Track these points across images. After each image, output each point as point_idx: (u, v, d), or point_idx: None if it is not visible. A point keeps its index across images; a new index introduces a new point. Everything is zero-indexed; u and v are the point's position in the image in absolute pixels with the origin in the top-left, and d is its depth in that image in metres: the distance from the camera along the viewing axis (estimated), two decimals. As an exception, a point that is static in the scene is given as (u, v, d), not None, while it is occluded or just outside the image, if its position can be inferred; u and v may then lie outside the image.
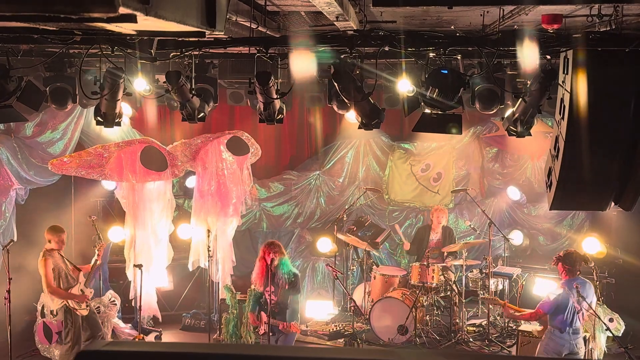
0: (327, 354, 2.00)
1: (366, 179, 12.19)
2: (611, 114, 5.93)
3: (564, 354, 7.11)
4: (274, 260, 7.45)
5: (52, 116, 10.05)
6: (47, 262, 8.03)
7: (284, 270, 7.48)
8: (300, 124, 12.17)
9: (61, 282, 8.11)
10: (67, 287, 8.14)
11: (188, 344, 2.07)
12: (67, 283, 8.16)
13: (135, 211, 10.07)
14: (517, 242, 11.74)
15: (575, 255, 7.32)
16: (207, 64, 7.80)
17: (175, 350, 1.90)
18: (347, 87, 7.06)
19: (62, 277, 8.13)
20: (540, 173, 11.73)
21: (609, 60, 5.83)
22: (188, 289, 11.18)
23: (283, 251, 7.62)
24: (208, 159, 10.24)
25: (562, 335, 7.10)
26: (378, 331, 9.61)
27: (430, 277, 9.68)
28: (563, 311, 7.06)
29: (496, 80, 7.27)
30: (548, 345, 7.23)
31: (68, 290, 8.13)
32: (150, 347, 1.97)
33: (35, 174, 10.16)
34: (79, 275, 8.25)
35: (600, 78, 5.84)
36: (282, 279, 7.47)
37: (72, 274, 8.23)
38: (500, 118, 8.24)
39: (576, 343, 7.14)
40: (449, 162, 12.18)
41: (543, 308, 7.22)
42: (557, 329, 7.13)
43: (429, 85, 6.78)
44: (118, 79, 7.01)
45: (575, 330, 7.11)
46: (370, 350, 3.12)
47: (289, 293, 7.44)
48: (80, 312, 8.14)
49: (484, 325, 9.99)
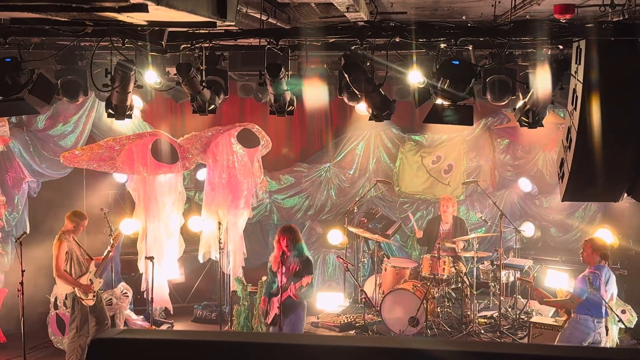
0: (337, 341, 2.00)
1: (377, 171, 12.17)
2: (624, 104, 5.88)
3: (587, 344, 7.01)
4: (288, 245, 7.51)
5: (64, 109, 10.09)
6: (62, 245, 8.02)
7: (295, 255, 7.53)
8: (311, 116, 12.15)
9: (72, 267, 8.08)
10: (77, 274, 8.12)
11: (200, 332, 2.08)
12: (79, 270, 8.13)
13: (146, 204, 10.11)
14: (529, 234, 11.69)
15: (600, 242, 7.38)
16: (217, 56, 7.79)
17: (188, 338, 1.90)
18: (358, 78, 7.05)
19: (74, 262, 8.10)
20: (552, 164, 11.67)
21: (621, 50, 5.78)
22: (199, 281, 11.23)
23: (298, 237, 7.65)
24: (219, 152, 10.26)
25: (588, 324, 7.02)
26: (389, 323, 9.61)
27: (441, 268, 9.66)
28: (594, 297, 7.00)
29: (508, 71, 7.24)
30: (572, 335, 7.12)
31: (78, 278, 8.11)
32: (163, 335, 1.98)
33: (47, 167, 10.21)
34: (91, 264, 8.27)
35: (612, 68, 5.79)
36: (292, 263, 7.52)
37: (85, 261, 8.23)
38: (512, 109, 8.19)
39: (600, 332, 7.08)
40: (460, 153, 12.14)
41: (579, 294, 7.12)
42: (584, 317, 7.04)
43: (440, 76, 6.75)
44: (129, 71, 7.03)
45: (600, 320, 7.07)
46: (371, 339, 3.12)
47: (297, 278, 7.46)
48: (86, 302, 8.13)
49: (495, 317, 9.96)
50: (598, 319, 7.03)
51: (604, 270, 7.14)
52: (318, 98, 9.69)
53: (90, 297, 8.16)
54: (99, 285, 8.35)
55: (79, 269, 8.14)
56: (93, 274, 8.24)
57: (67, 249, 8.04)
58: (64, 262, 8.01)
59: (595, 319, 7.02)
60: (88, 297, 8.13)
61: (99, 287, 8.35)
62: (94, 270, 8.25)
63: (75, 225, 8.14)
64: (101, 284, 8.43)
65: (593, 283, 7.00)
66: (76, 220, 8.16)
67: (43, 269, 8.95)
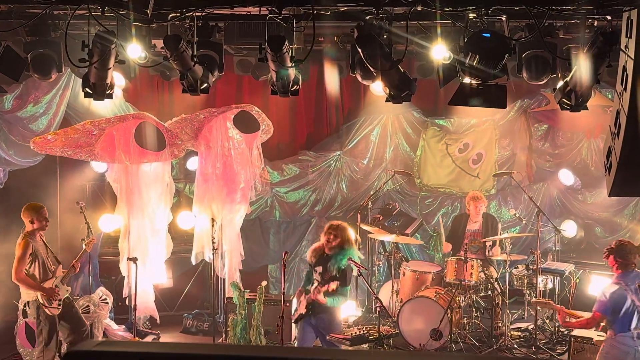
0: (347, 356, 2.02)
1: (394, 161, 12.17)
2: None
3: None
4: (330, 243, 7.74)
5: (34, 87, 10.10)
6: (27, 246, 8.03)
7: (335, 262, 7.71)
8: (319, 96, 12.15)
9: (37, 271, 8.09)
10: (42, 278, 8.13)
11: (188, 345, 2.10)
12: (44, 274, 8.15)
13: (129, 197, 10.15)
14: (570, 234, 11.69)
15: (629, 246, 7.29)
16: (211, 27, 7.80)
17: (176, 352, 1.92)
18: (373, 53, 7.05)
19: (38, 265, 8.11)
20: (598, 153, 11.65)
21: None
22: (190, 286, 11.28)
23: (348, 239, 7.83)
24: (212, 137, 10.29)
25: (625, 340, 7.05)
26: (408, 335, 9.64)
27: (468, 273, 9.67)
28: (621, 311, 7.02)
29: (547, 46, 7.22)
30: (609, 354, 7.16)
31: (42, 282, 8.13)
32: (146, 347, 2.00)
33: (15, 154, 10.24)
34: (59, 268, 8.31)
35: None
36: (330, 268, 7.71)
37: (51, 265, 8.25)
38: (552, 89, 8.17)
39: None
40: (490, 141, 12.12)
41: (600, 310, 7.17)
42: (617, 333, 7.09)
43: (469, 51, 6.74)
44: (109, 44, 7.04)
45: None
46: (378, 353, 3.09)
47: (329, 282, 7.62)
48: (50, 311, 8.12)
49: (530, 329, 9.97)
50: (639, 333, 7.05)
51: (628, 277, 7.13)
52: (327, 76, 9.70)
53: (55, 305, 8.16)
54: (65, 293, 8.34)
55: (42, 274, 8.15)
56: (60, 279, 8.27)
57: (33, 250, 8.08)
58: (26, 265, 8.04)
59: (635, 332, 7.04)
60: (52, 305, 8.14)
61: (65, 295, 8.34)
62: (61, 276, 8.28)
63: (31, 220, 8.13)
64: (68, 292, 8.44)
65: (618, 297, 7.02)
66: (30, 215, 8.15)
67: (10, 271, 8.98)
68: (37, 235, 8.17)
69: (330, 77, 9.89)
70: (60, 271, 8.28)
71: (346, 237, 7.81)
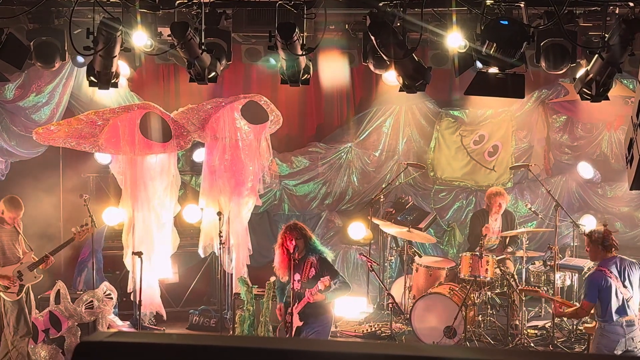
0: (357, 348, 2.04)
1: (407, 153, 12.16)
2: None
3: (620, 352, 7.10)
4: (297, 247, 7.47)
5: (37, 76, 10.14)
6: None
7: (309, 256, 7.51)
8: (330, 86, 12.14)
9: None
10: (1, 263, 8.41)
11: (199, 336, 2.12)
12: (2, 259, 8.42)
13: (134, 190, 10.18)
14: (589, 229, 11.65)
15: (605, 233, 7.50)
16: (219, 15, 7.81)
17: (185, 343, 1.94)
18: (386, 41, 7.05)
19: None
20: (619, 146, 11.61)
21: None
22: (196, 282, 11.30)
23: (307, 233, 7.64)
24: (219, 128, 10.29)
25: (614, 329, 7.14)
26: (420, 333, 9.65)
27: (483, 269, 9.65)
28: (607, 298, 7.13)
29: (567, 33, 7.20)
30: (600, 343, 7.29)
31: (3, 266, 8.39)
32: (157, 339, 2.02)
33: (17, 145, 10.29)
34: (28, 255, 8.56)
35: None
36: (307, 267, 7.51)
37: (17, 251, 8.51)
38: (571, 79, 8.16)
39: (633, 337, 7.18)
40: (507, 132, 12.10)
41: (587, 298, 7.31)
42: (607, 321, 7.17)
43: (485, 39, 6.73)
44: (114, 32, 7.06)
45: (629, 322, 7.18)
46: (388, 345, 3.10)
47: (314, 282, 7.47)
48: (6, 296, 8.39)
49: (547, 327, 9.97)
50: (627, 321, 7.11)
51: (611, 263, 7.26)
52: (338, 65, 9.69)
53: (12, 290, 8.39)
54: (32, 280, 8.57)
55: (3, 259, 8.40)
56: (27, 266, 8.47)
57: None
58: None
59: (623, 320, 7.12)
60: (8, 291, 8.37)
61: (31, 282, 8.56)
62: (28, 262, 8.49)
63: (10, 216, 8.43)
64: (37, 279, 8.65)
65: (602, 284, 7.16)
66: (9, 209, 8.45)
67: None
68: (4, 224, 8.42)
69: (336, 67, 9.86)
70: (28, 257, 8.52)
71: (303, 232, 7.61)
